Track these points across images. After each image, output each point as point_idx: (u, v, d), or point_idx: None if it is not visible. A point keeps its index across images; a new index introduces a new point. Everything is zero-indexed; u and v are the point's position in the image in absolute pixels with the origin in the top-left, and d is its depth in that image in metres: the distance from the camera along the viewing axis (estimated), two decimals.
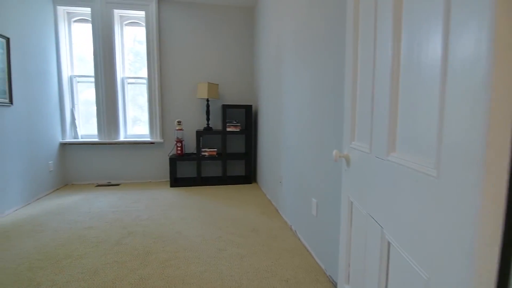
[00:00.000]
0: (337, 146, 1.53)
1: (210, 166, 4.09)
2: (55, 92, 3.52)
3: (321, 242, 1.76)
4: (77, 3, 3.52)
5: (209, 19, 3.86)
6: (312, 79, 1.86)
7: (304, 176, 2.06)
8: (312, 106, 1.87)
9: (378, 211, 0.82)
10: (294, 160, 2.27)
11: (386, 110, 0.77)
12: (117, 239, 2.16)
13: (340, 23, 1.49)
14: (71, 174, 3.79)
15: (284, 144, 2.54)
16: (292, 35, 2.29)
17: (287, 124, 2.45)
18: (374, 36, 0.86)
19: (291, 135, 2.33)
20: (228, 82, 4.01)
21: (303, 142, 2.06)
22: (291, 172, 2.35)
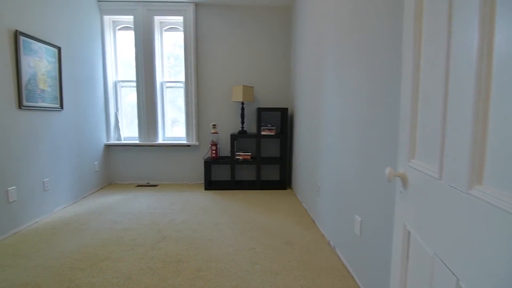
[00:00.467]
0: (390, 162, 1.33)
1: (244, 169, 4.03)
2: (101, 96, 3.74)
3: (366, 266, 1.56)
4: (121, 12, 3.69)
5: (245, 21, 3.80)
6: (359, 82, 1.67)
7: (346, 189, 1.86)
8: (358, 113, 1.68)
9: (452, 255, 0.63)
10: (335, 171, 2.08)
11: (469, 124, 0.59)
12: (152, 243, 2.17)
13: (396, 17, 1.29)
14: (114, 174, 4.00)
15: (323, 152, 2.35)
16: (334, 34, 2.11)
17: (326, 130, 2.27)
18: (448, 28, 0.68)
19: (332, 143, 2.14)
20: (264, 85, 3.91)
21: (345, 152, 1.87)
22: (331, 183, 2.16)
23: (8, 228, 2.29)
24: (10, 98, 2.28)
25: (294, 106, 3.59)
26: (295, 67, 3.57)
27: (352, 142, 1.75)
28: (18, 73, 2.32)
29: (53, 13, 2.77)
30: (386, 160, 1.35)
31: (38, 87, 2.54)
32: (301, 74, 3.20)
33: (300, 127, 3.22)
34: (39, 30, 2.57)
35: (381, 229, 1.39)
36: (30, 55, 2.44)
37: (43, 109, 2.63)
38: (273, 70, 3.90)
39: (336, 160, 2.05)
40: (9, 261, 1.90)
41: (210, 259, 1.94)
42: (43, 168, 2.66)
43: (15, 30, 2.28)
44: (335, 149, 2.05)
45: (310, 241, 2.23)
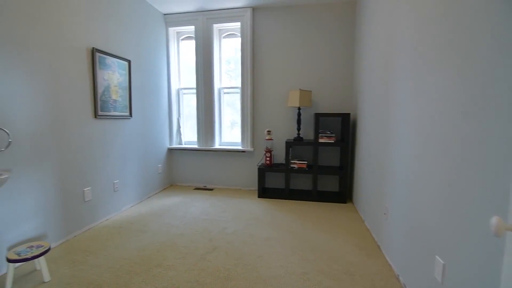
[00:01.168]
0: (494, 203, 0.98)
1: (299, 178, 3.81)
2: (165, 103, 3.99)
3: None
4: (184, 23, 3.88)
5: (303, 22, 3.59)
6: (445, 88, 1.33)
7: (423, 221, 1.52)
8: (445, 129, 1.34)
9: None
10: (408, 195, 1.73)
11: None
12: (202, 253, 2.16)
13: None
14: (175, 176, 4.23)
15: (393, 169, 2.00)
16: (410, 28, 1.76)
17: (398, 144, 1.91)
18: None
19: (405, 161, 1.79)
20: (323, 88, 3.63)
21: (424, 176, 1.52)
22: (402, 208, 1.81)
23: (84, 224, 2.57)
24: (88, 108, 2.55)
25: (357, 111, 3.23)
26: (359, 69, 3.20)
27: (435, 165, 1.40)
28: (94, 86, 2.59)
29: (125, 30, 3.03)
30: (489, 200, 1.00)
31: (111, 97, 2.80)
32: (366, 76, 2.84)
33: (365, 136, 2.86)
34: (112, 46, 2.84)
35: (475, 284, 1.05)
36: (105, 69, 2.70)
37: (115, 118, 2.90)
38: (333, 72, 3.59)
39: (410, 183, 1.70)
40: (80, 257, 2.10)
41: (258, 280, 1.82)
42: (113, 171, 2.93)
43: (92, 48, 2.55)
44: (410, 169, 1.70)
45: (375, 272, 1.91)
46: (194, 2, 3.51)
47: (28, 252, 1.80)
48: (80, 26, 2.43)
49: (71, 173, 2.40)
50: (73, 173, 2.42)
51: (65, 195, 2.36)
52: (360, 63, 3.16)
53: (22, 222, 2.02)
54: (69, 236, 2.41)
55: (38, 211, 2.13)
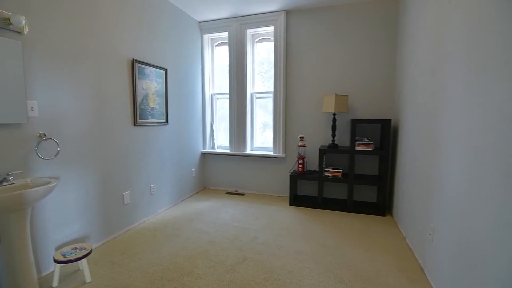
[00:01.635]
0: None
1: (333, 186, 3.65)
2: (199, 109, 4.08)
3: None
4: (218, 29, 3.93)
5: (340, 23, 3.42)
6: (503, 102, 1.14)
7: (478, 250, 1.32)
8: (501, 144, 1.15)
9: None
10: (459, 217, 1.53)
11: None
12: (232, 264, 2.14)
13: None
14: (208, 179, 4.31)
15: (440, 186, 1.80)
16: (463, 35, 1.56)
17: (448, 159, 1.71)
18: None
19: (455, 179, 1.60)
20: (360, 93, 3.43)
21: (479, 198, 1.33)
22: (452, 231, 1.61)
23: (123, 226, 2.71)
24: (128, 117, 2.69)
25: (399, 118, 2.99)
26: (401, 72, 2.96)
27: (490, 185, 1.21)
28: (134, 95, 2.72)
29: (162, 39, 3.15)
30: None
31: (149, 105, 2.92)
32: (411, 81, 2.61)
33: (408, 145, 2.64)
34: (150, 56, 2.96)
35: None
36: (143, 79, 2.83)
37: (152, 124, 3.02)
38: (372, 76, 3.37)
39: (461, 203, 1.50)
40: (118, 259, 2.21)
41: None
42: (150, 175, 3.06)
43: (132, 59, 2.68)
44: (461, 187, 1.51)
45: None
46: (228, 9, 3.53)
47: (72, 253, 1.93)
48: (122, 39, 2.57)
49: (112, 178, 2.54)
50: (113, 178, 2.56)
51: (107, 198, 2.50)
52: (403, 66, 2.92)
53: (69, 224, 2.18)
54: (110, 237, 2.55)
55: (83, 214, 2.29)
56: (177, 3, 3.33)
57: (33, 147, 1.88)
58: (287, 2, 3.34)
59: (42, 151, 1.93)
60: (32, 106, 1.85)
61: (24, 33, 1.76)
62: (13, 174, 1.74)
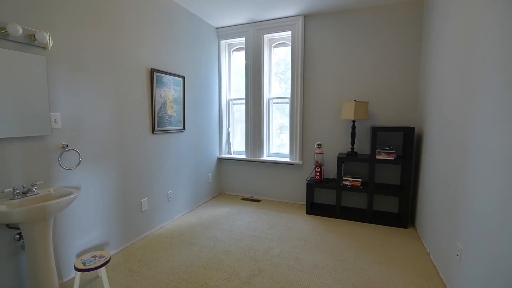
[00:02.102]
0: None
1: (352, 195, 3.53)
2: (215, 114, 4.10)
3: None
4: (235, 35, 3.92)
5: (359, 26, 3.31)
6: None
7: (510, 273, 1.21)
8: None
9: None
10: (494, 233, 1.41)
11: None
12: (247, 276, 2.12)
13: None
14: (224, 185, 4.32)
15: (469, 202, 1.67)
16: (498, 34, 1.44)
17: (479, 174, 1.59)
18: None
19: (486, 193, 1.48)
20: (381, 99, 3.29)
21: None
22: (482, 254, 1.49)
23: (141, 232, 2.75)
24: (147, 125, 2.74)
25: (423, 126, 2.84)
26: (427, 78, 2.81)
27: None
28: (152, 103, 2.76)
29: (180, 47, 3.18)
30: None
31: (166, 113, 2.96)
32: (437, 88, 2.46)
33: (433, 154, 2.49)
34: (168, 64, 3.00)
35: None
36: (161, 87, 2.87)
37: (170, 132, 3.06)
38: (394, 82, 3.23)
39: (494, 225, 1.38)
40: (136, 267, 2.25)
41: None
42: (167, 182, 3.10)
43: (151, 68, 2.72)
44: (494, 207, 1.39)
45: None
46: (245, 14, 3.52)
47: (92, 262, 1.97)
48: (141, 49, 2.62)
49: (130, 185, 2.59)
50: (132, 185, 2.61)
51: (125, 205, 2.56)
52: (428, 71, 2.77)
53: (89, 232, 2.24)
54: (128, 243, 2.60)
55: (102, 221, 2.34)
56: (195, 10, 3.36)
57: (56, 158, 1.94)
58: (305, 7, 3.27)
59: (64, 162, 1.99)
60: (55, 118, 1.92)
61: (48, 48, 1.83)
62: (37, 185, 1.80)
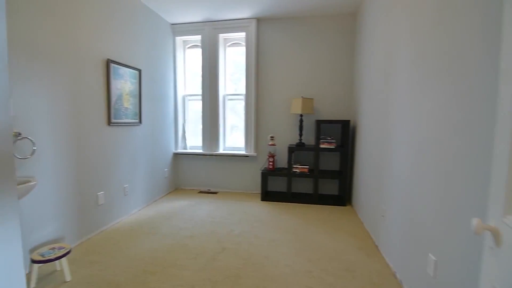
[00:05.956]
0: (476, 207, 1.14)
1: (300, 182, 3.97)
2: (171, 109, 4.14)
3: None
4: (191, 32, 4.04)
5: (306, 32, 3.76)
6: (440, 107, 1.48)
7: (417, 222, 1.67)
8: (438, 143, 1.49)
9: None
10: (404, 199, 1.88)
11: None
12: (212, 254, 2.29)
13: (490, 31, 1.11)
14: (180, 180, 4.37)
15: (390, 175, 2.16)
16: (407, 46, 1.92)
17: (395, 153, 2.07)
18: None
19: (401, 169, 1.95)
20: (324, 96, 3.79)
21: (419, 183, 1.67)
22: (399, 211, 1.97)
23: (98, 227, 2.69)
24: (103, 116, 2.69)
25: (357, 119, 3.40)
26: (359, 79, 3.37)
27: (428, 174, 1.56)
28: (108, 95, 2.73)
29: (136, 40, 3.18)
30: (472, 204, 1.16)
31: (123, 105, 2.94)
32: (366, 86, 3.00)
33: (364, 142, 3.03)
34: (125, 56, 2.98)
35: (462, 276, 1.20)
36: (118, 79, 2.85)
37: (126, 125, 3.03)
38: (334, 82, 3.76)
39: (406, 188, 1.85)
40: (97, 258, 2.23)
41: (266, 278, 1.96)
42: (124, 175, 3.07)
43: (107, 59, 2.70)
44: (406, 176, 1.86)
45: (373, 270, 2.06)
46: (201, 13, 3.67)
47: (51, 253, 1.92)
48: (96, 39, 2.58)
49: (86, 178, 2.53)
50: (88, 177, 2.55)
51: (81, 199, 2.49)
52: (360, 73, 3.33)
53: (43, 226, 2.14)
54: (84, 238, 2.53)
55: (57, 215, 2.26)
56: (150, 4, 3.39)
57: None
58: (258, 11, 3.58)
59: (17, 151, 1.90)
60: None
61: None
62: None
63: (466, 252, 1.19)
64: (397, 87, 2.06)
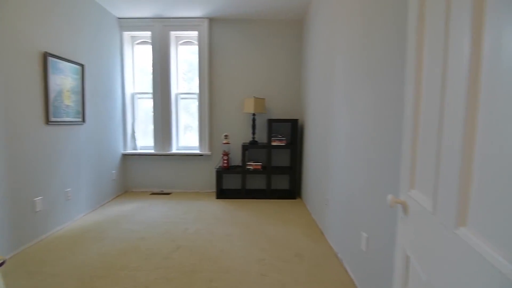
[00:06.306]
0: (394, 185, 1.38)
1: (254, 179, 4.11)
2: (119, 108, 3.93)
3: (371, 281, 1.61)
4: (140, 28, 3.89)
5: (257, 35, 3.92)
6: (366, 106, 1.73)
7: (353, 206, 1.92)
8: (365, 135, 1.74)
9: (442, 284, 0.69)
10: (343, 186, 2.13)
11: (457, 160, 0.65)
12: (166, 253, 2.28)
13: (401, 48, 1.35)
14: (130, 182, 4.17)
15: (332, 166, 2.41)
16: (343, 53, 2.18)
17: (335, 146, 2.33)
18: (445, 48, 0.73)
19: (340, 159, 2.20)
20: (275, 96, 4.00)
21: (353, 170, 1.92)
22: (339, 197, 2.22)
23: (36, 235, 2.45)
24: (39, 115, 2.46)
25: (304, 117, 3.66)
26: (306, 80, 3.65)
27: (359, 162, 1.80)
28: (46, 91, 2.50)
29: (78, 33, 2.96)
30: (391, 183, 1.40)
31: (63, 103, 2.72)
32: (312, 88, 3.27)
33: (310, 139, 3.29)
34: (65, 50, 2.76)
35: (385, 246, 1.44)
36: (57, 74, 2.63)
37: (68, 124, 2.81)
38: (284, 82, 3.98)
39: (344, 176, 2.10)
40: (36, 268, 2.05)
41: (221, 270, 2.03)
42: (66, 179, 2.84)
43: (44, 52, 2.47)
44: (344, 165, 2.11)
45: (319, 253, 2.29)
46: (150, 9, 3.56)
47: None
48: (32, 29, 2.35)
49: (20, 183, 2.29)
50: (23, 182, 2.31)
51: (15, 205, 2.24)
52: (306, 75, 3.60)
53: None
54: (20, 248, 2.29)
55: None
56: None
57: None
58: (209, 10, 3.62)
59: None
60: None
61: None
62: None
63: (388, 226, 1.43)
64: (336, 89, 2.31)
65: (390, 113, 1.42)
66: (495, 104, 0.53)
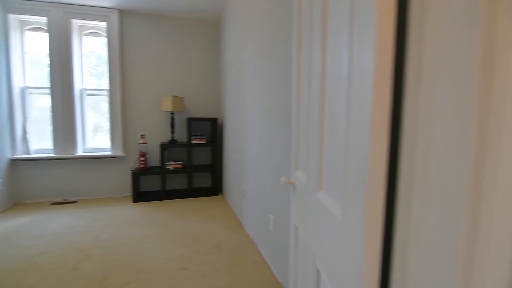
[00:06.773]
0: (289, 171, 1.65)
1: (176, 178, 4.05)
2: (4, 104, 3.28)
3: (278, 256, 1.86)
4: (31, 12, 3.33)
5: (174, 32, 3.87)
6: (270, 102, 1.98)
7: (264, 193, 2.16)
8: (270, 128, 1.98)
9: (312, 240, 0.92)
10: (256, 177, 2.36)
11: (315, 143, 0.88)
12: (73, 264, 2.08)
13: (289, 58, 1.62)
14: (22, 192, 3.53)
15: (247, 160, 2.63)
16: (253, 58, 2.40)
17: (249, 141, 2.54)
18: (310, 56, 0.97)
19: (253, 153, 2.43)
20: (194, 95, 4.03)
21: (263, 161, 2.16)
22: (253, 188, 2.44)
23: None
24: None
25: (223, 116, 3.82)
26: (224, 80, 3.80)
27: (267, 153, 2.05)
28: None
29: None
30: (287, 169, 1.66)
31: None
32: (229, 88, 3.44)
33: (229, 136, 3.46)
34: None
35: (287, 224, 1.70)
36: None
37: None
38: (203, 82, 4.05)
39: (256, 168, 2.33)
40: None
41: (138, 271, 1.98)
42: None
43: None
44: (256, 158, 2.34)
45: (237, 242, 2.46)
46: None
47: None
48: None
49: None
50: None
51: None
52: (224, 75, 3.76)
53: None
54: None
55: None
56: None
57: None
58: (120, 2, 3.39)
59: None
60: None
61: None
62: None
63: (289, 206, 1.70)
64: (248, 89, 2.53)
65: (287, 109, 1.68)
66: (332, 103, 0.76)
